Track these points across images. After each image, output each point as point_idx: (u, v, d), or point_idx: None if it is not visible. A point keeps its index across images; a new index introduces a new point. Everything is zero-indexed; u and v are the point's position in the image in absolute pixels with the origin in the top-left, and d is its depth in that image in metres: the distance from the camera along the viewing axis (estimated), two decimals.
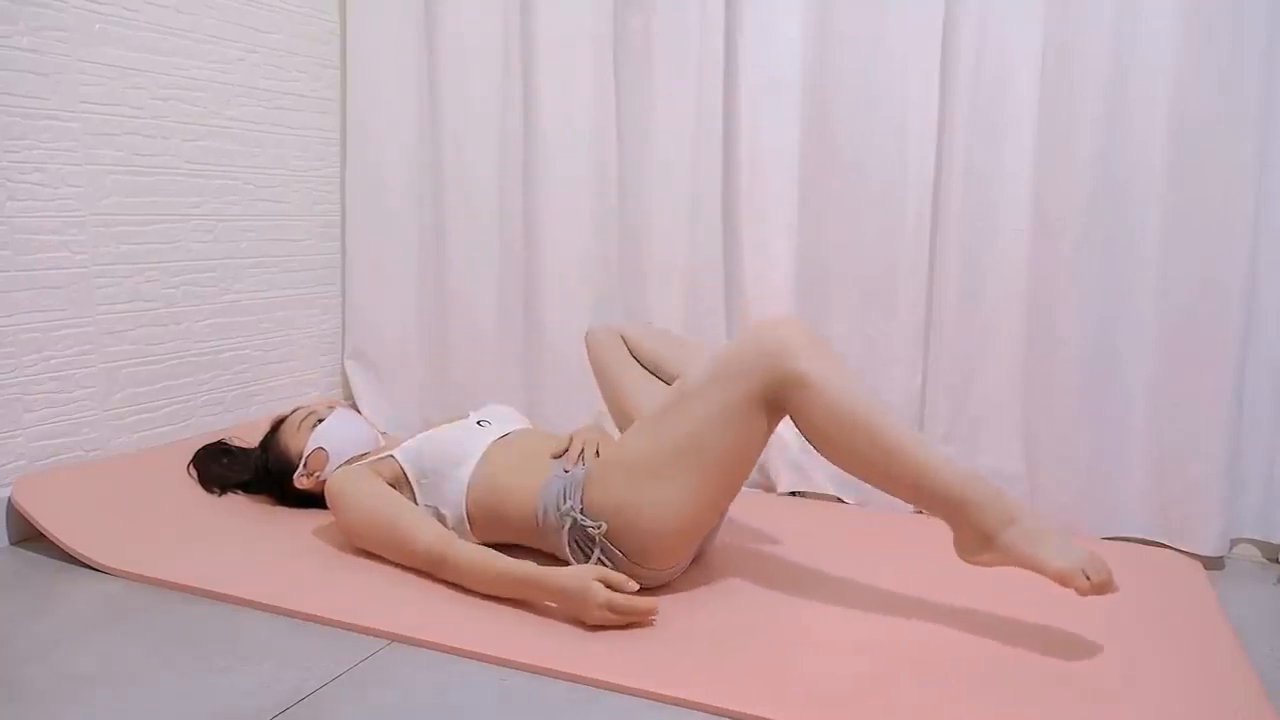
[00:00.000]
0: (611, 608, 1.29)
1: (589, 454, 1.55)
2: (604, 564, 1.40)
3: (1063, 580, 1.20)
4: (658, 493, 1.36)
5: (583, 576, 1.32)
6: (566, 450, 1.58)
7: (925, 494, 1.28)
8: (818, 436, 1.32)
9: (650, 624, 1.32)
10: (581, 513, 1.41)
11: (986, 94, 1.76)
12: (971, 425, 1.86)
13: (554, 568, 1.36)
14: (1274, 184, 1.62)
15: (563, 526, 1.43)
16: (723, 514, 1.51)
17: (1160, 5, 1.63)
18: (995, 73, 1.75)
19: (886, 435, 1.28)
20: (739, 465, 1.39)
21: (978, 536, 1.26)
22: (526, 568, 1.37)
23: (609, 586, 1.31)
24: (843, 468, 1.34)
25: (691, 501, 1.37)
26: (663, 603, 1.36)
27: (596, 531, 1.39)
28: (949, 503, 1.27)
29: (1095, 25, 1.67)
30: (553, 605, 1.36)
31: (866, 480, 1.33)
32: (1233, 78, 1.59)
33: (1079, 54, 1.69)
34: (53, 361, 1.75)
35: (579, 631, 1.31)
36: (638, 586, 1.32)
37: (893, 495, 1.33)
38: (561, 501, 1.44)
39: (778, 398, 1.31)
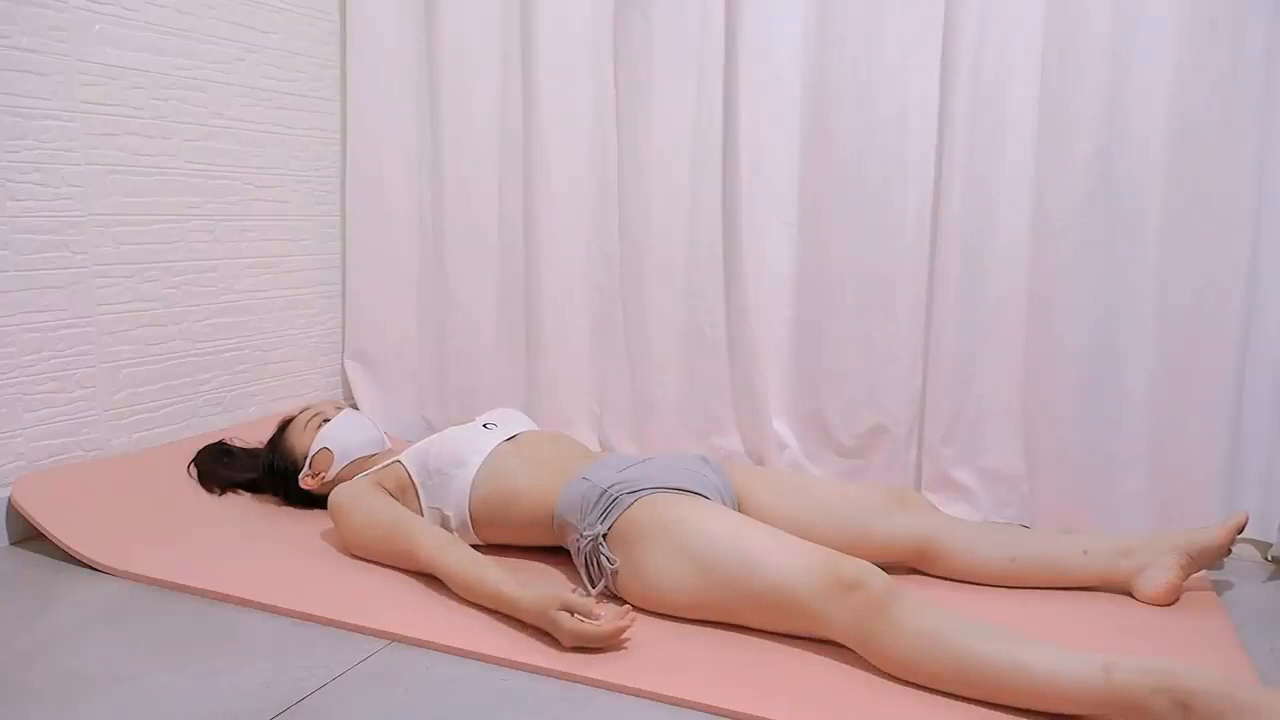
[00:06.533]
0: (577, 638, 1.25)
1: None
2: (608, 588, 1.40)
3: None
4: (678, 574, 1.32)
5: (545, 607, 1.27)
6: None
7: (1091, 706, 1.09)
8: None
9: (624, 647, 1.27)
10: (605, 538, 1.39)
11: (986, 94, 1.76)
12: (971, 425, 1.86)
13: (523, 591, 1.31)
14: (1274, 184, 1.62)
15: (581, 543, 1.42)
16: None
17: (1160, 5, 1.63)
18: (995, 73, 1.75)
19: (985, 666, 1.12)
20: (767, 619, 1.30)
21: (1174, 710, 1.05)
22: (499, 585, 1.34)
23: (575, 612, 1.26)
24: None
25: (702, 602, 1.32)
26: None
27: (610, 567, 1.38)
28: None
29: (1095, 25, 1.67)
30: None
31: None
32: (1233, 78, 1.60)
33: (1079, 53, 1.69)
34: (53, 361, 1.75)
35: None
36: (603, 614, 1.27)
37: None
38: (588, 511, 1.42)
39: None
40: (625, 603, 1.37)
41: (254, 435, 1.97)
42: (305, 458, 1.74)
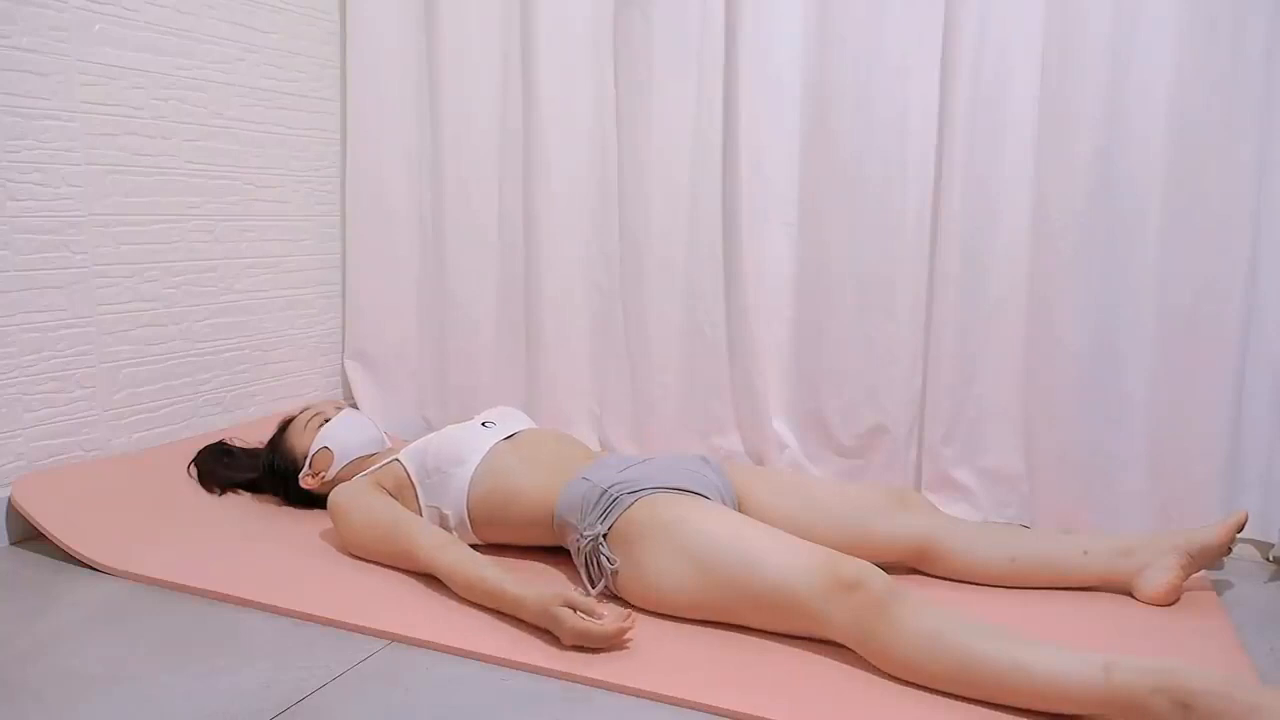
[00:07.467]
0: (579, 636, 1.25)
1: None
2: (608, 588, 1.40)
3: None
4: (678, 574, 1.31)
5: (547, 604, 1.27)
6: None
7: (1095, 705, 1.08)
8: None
9: (625, 647, 1.27)
10: (605, 538, 1.39)
11: (986, 94, 1.76)
12: (971, 425, 1.86)
13: (525, 589, 1.31)
14: (1274, 184, 1.62)
15: (581, 543, 1.41)
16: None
17: (1160, 5, 1.63)
18: (995, 73, 1.75)
19: (985, 664, 1.12)
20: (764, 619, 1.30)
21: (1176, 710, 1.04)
22: (498, 583, 1.34)
23: (577, 609, 1.26)
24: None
25: (702, 603, 1.32)
26: None
27: (610, 568, 1.37)
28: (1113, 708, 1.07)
29: (1095, 25, 1.67)
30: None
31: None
32: (1233, 78, 1.60)
33: (1079, 53, 1.69)
34: (53, 361, 1.75)
35: None
36: (606, 613, 1.27)
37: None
38: (588, 510, 1.42)
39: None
40: (625, 603, 1.38)
41: (254, 435, 1.97)
42: (305, 457, 1.74)
